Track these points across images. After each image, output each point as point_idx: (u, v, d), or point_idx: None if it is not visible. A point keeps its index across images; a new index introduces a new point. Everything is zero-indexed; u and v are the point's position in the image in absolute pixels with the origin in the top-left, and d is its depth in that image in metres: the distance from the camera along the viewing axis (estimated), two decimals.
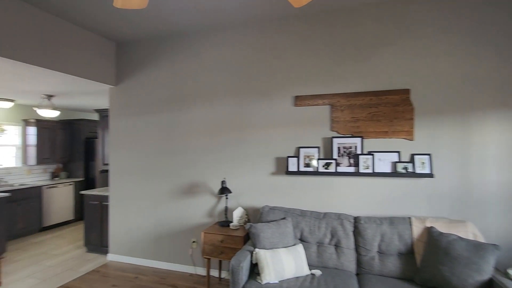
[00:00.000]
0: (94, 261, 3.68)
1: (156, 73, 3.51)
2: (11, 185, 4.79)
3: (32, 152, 5.18)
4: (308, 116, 2.92)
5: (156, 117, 3.51)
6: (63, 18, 2.99)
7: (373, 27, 2.73)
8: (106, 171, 5.10)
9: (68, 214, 5.46)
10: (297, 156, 2.92)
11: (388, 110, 2.70)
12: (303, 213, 2.72)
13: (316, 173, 2.82)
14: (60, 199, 5.32)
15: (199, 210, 3.29)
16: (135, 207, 3.60)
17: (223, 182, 2.98)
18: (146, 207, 3.54)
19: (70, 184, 5.52)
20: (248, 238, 2.79)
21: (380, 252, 2.42)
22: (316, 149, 2.87)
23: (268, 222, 2.65)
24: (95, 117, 6.82)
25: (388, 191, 2.68)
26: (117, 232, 3.69)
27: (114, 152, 3.74)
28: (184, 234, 3.35)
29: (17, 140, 5.21)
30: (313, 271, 2.34)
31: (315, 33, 2.90)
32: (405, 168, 2.59)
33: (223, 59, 3.22)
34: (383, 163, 2.67)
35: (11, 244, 4.33)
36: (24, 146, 5.24)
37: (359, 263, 2.45)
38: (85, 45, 3.28)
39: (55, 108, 4.37)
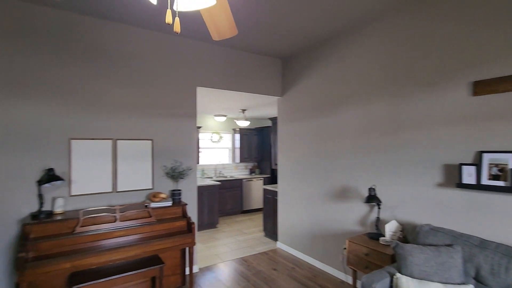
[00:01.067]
0: (267, 244, 4.41)
1: (310, 81, 3.72)
2: (225, 176, 6.65)
3: (237, 153, 6.93)
4: (497, 108, 2.05)
5: (309, 122, 3.71)
6: (243, 50, 3.85)
7: None
8: None
9: (259, 203, 6.80)
10: (476, 163, 2.12)
11: None
12: (483, 244, 1.95)
13: (510, 189, 1.93)
14: (254, 190, 6.74)
15: (351, 216, 3.14)
16: (295, 203, 3.97)
17: (371, 190, 2.70)
18: (303, 205, 3.82)
19: (260, 179, 6.86)
20: None
21: None
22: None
23: (425, 245, 2.13)
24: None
25: None
26: (283, 224, 4.22)
27: (280, 153, 4.31)
28: (336, 238, 3.31)
29: (229, 144, 7.17)
30: None
31: None
32: None
33: (371, 54, 2.91)
34: None
35: (223, 219, 6.03)
36: (233, 148, 7.12)
37: None
38: (260, 67, 4.03)
39: (246, 119, 5.65)
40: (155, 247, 2.62)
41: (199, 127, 6.25)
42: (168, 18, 0.90)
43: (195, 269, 3.44)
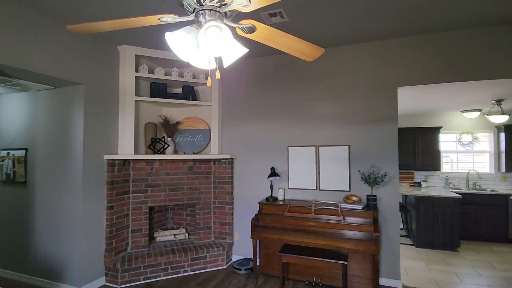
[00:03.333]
0: None
1: None
2: (484, 190, 5.07)
3: (503, 159, 5.01)
4: None
5: None
6: (470, 27, 3.00)
7: None
8: None
9: None
10: None
11: None
12: None
13: None
14: None
15: None
16: None
17: None
18: None
19: None
20: None
21: None
22: None
23: None
24: None
25: None
26: None
27: None
28: None
29: (489, 147, 5.33)
30: None
31: None
32: None
33: None
34: None
35: (471, 244, 4.67)
36: (497, 153, 5.22)
37: None
38: (503, 40, 2.91)
39: (503, 113, 4.03)
40: (338, 243, 2.88)
41: (439, 128, 5.31)
42: (209, 83, 1.33)
43: (393, 283, 3.18)
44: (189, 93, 3.93)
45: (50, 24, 2.72)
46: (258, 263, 3.70)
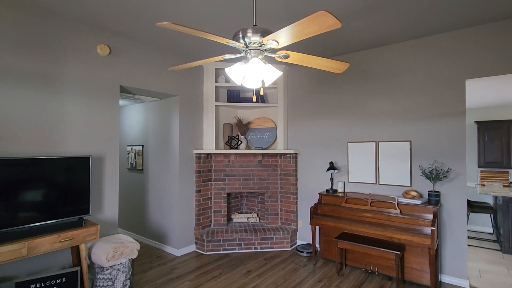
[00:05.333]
0: None
1: None
2: None
3: None
4: None
5: None
6: None
7: None
8: None
9: None
10: None
11: None
12: None
13: None
14: None
15: None
16: None
17: None
18: None
19: None
20: None
21: None
22: None
23: None
24: None
25: None
26: None
27: None
28: None
29: None
30: None
31: None
32: None
33: None
34: None
35: None
36: None
37: None
38: None
39: None
40: (391, 234, 3.03)
41: None
42: (254, 98, 1.80)
43: (457, 281, 3.08)
44: (258, 96, 4.55)
45: (158, 56, 3.71)
46: (318, 248, 4.07)
